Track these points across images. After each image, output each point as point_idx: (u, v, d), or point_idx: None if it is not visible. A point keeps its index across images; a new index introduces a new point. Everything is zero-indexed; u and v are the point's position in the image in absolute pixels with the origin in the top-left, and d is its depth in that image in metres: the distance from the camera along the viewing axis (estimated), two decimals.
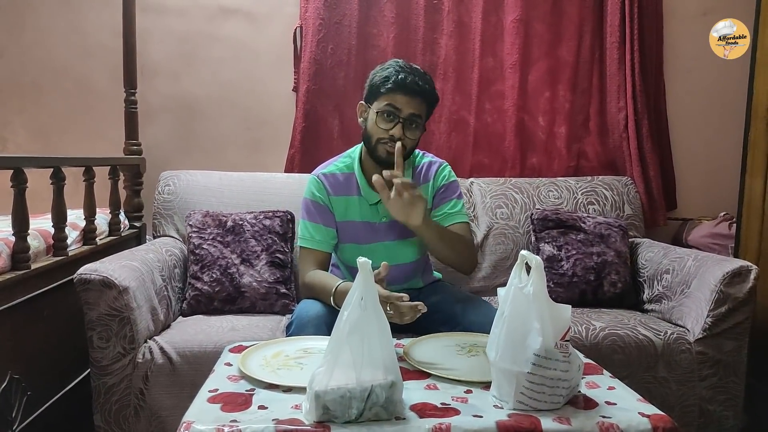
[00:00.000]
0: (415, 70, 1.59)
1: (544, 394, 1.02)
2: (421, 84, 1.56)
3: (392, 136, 1.56)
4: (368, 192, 1.66)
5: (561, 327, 1.03)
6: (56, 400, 1.71)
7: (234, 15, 2.58)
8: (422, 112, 1.60)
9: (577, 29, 2.58)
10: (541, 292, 1.02)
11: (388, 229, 1.68)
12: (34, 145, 2.56)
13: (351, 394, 0.97)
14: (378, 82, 1.59)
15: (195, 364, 1.65)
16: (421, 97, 1.57)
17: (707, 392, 1.82)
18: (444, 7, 2.54)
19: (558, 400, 1.03)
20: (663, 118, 2.65)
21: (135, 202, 2.40)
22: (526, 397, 1.03)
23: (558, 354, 1.01)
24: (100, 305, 1.60)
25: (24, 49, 2.55)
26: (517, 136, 2.59)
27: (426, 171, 1.73)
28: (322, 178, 1.70)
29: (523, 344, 1.02)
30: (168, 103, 2.60)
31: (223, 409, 1.03)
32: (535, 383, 1.02)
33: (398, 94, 1.55)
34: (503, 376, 1.05)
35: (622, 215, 2.38)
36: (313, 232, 1.67)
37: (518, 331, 1.03)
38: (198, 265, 1.99)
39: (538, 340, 1.01)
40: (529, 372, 1.01)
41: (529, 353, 1.02)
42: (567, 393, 1.04)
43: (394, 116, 1.56)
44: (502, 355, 1.05)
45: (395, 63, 1.60)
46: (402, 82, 1.55)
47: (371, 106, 1.61)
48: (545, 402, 1.02)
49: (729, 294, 1.76)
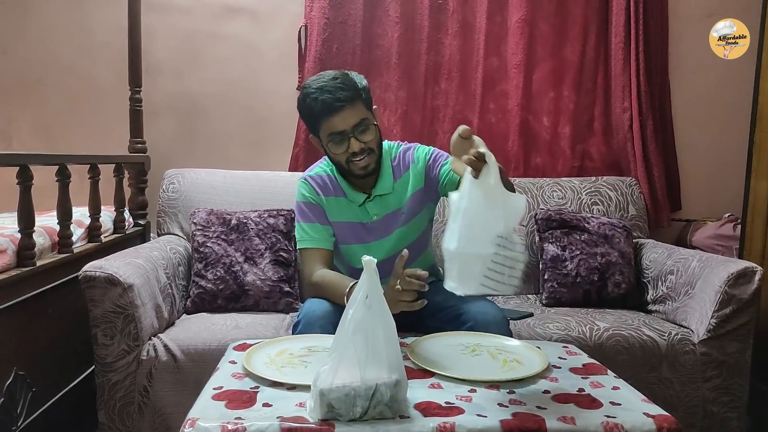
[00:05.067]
0: (325, 86, 1.50)
1: (504, 275, 1.07)
2: (339, 95, 1.49)
3: (354, 153, 1.54)
4: (352, 194, 1.66)
5: (518, 214, 1.09)
6: (61, 396, 1.71)
7: (239, 14, 2.59)
8: (361, 113, 1.53)
9: (581, 30, 2.58)
10: (498, 183, 1.08)
11: (382, 225, 1.68)
12: (39, 143, 2.57)
13: (355, 393, 0.97)
14: (307, 117, 1.57)
15: (199, 362, 1.65)
16: (348, 104, 1.51)
17: (711, 393, 1.81)
18: (449, 6, 2.54)
19: (514, 282, 1.08)
20: (668, 119, 2.64)
21: (139, 199, 2.41)
22: (489, 279, 1.07)
23: (516, 237, 1.08)
24: (105, 302, 1.61)
25: (29, 47, 2.56)
26: (521, 136, 2.59)
27: (404, 158, 1.71)
28: (309, 180, 1.70)
29: (485, 229, 1.07)
30: (172, 102, 2.60)
31: (227, 406, 1.03)
32: (498, 263, 1.07)
33: (330, 118, 1.51)
34: (467, 262, 1.09)
35: (626, 216, 2.38)
36: (311, 232, 1.66)
37: (479, 218, 1.08)
38: (202, 263, 1.99)
39: (500, 224, 1.07)
40: (494, 253, 1.06)
41: (492, 236, 1.06)
42: (520, 276, 1.09)
43: (341, 137, 1.53)
44: (465, 243, 1.08)
45: (307, 92, 1.53)
46: (323, 106, 1.50)
47: (320, 137, 1.58)
48: (504, 284, 1.07)
49: (733, 295, 1.76)
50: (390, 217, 1.67)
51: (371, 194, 1.66)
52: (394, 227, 1.69)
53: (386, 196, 1.67)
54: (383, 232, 1.69)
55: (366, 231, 1.68)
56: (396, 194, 1.67)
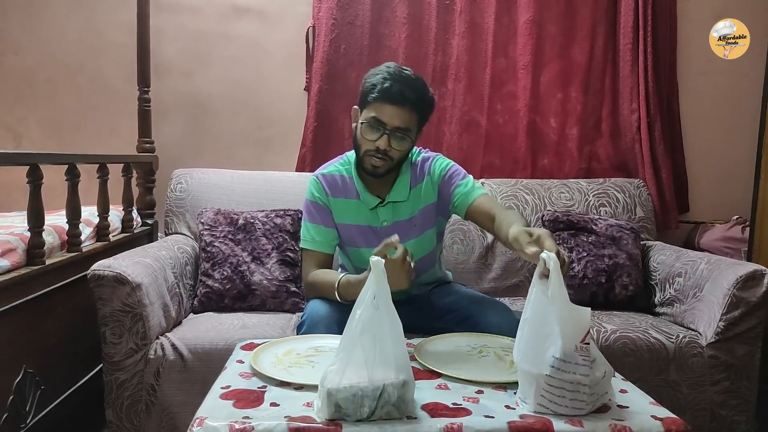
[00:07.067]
0: (404, 77, 1.50)
1: (565, 399, 1.01)
2: (408, 94, 1.48)
3: (378, 148, 1.51)
4: (366, 196, 1.64)
5: (581, 330, 1.01)
6: (69, 394, 1.72)
7: (247, 14, 2.60)
8: (411, 122, 1.52)
9: (590, 31, 2.58)
10: (560, 294, 1.01)
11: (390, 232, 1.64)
12: (48, 142, 2.58)
13: (363, 393, 0.97)
14: (367, 89, 1.52)
15: (206, 361, 1.66)
16: (409, 106, 1.49)
17: (719, 397, 1.80)
18: (456, 7, 2.54)
19: (581, 405, 1.01)
20: (676, 121, 2.63)
21: (147, 199, 2.42)
22: (546, 400, 1.02)
23: (578, 358, 1.00)
24: (113, 301, 1.61)
25: (39, 47, 2.58)
26: (528, 137, 2.58)
27: (422, 167, 1.69)
28: (320, 178, 1.68)
29: (543, 347, 1.01)
30: (181, 102, 2.61)
31: (235, 405, 1.03)
32: (554, 386, 1.01)
33: (385, 105, 1.48)
34: (525, 377, 1.05)
35: (633, 218, 2.37)
36: (314, 234, 1.66)
37: (539, 333, 1.02)
38: (209, 263, 2.00)
39: (557, 343, 1.00)
40: (548, 375, 1.00)
41: (548, 356, 1.01)
42: (591, 399, 1.02)
43: (380, 128, 1.50)
44: (523, 356, 1.05)
45: (385, 69, 1.52)
46: (387, 91, 1.47)
47: (361, 114, 1.56)
48: (566, 407, 1.01)
49: (742, 298, 1.75)
50: (401, 225, 1.64)
51: (385, 199, 1.64)
52: (405, 236, 1.65)
53: (400, 203, 1.65)
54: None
55: (374, 235, 1.66)
56: (409, 203, 1.65)
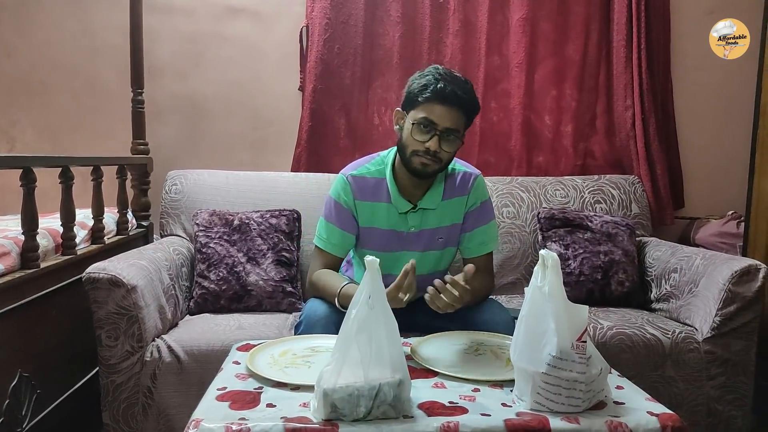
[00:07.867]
0: (454, 78, 1.50)
1: (561, 396, 1.01)
2: (460, 94, 1.48)
3: (428, 149, 1.49)
4: (398, 200, 1.61)
5: (578, 327, 1.01)
6: (65, 398, 1.72)
7: (241, 14, 2.59)
8: (460, 123, 1.51)
9: (583, 28, 2.58)
10: (558, 292, 1.01)
11: (416, 239, 1.64)
12: (42, 145, 2.57)
13: (359, 393, 0.98)
14: (416, 90, 1.50)
15: (202, 363, 1.66)
16: (459, 107, 1.49)
17: (715, 392, 1.81)
18: (450, 6, 2.54)
19: (576, 402, 1.01)
20: (670, 117, 2.64)
21: (142, 201, 2.41)
22: (542, 397, 1.02)
23: (574, 355, 1.00)
24: (109, 304, 1.61)
25: (33, 49, 2.57)
26: (523, 135, 2.58)
27: (461, 182, 1.65)
28: (350, 179, 1.63)
29: (539, 344, 1.01)
30: (175, 103, 2.60)
31: (231, 407, 1.03)
32: (550, 384, 1.01)
33: (436, 105, 1.47)
34: (521, 375, 1.05)
35: (629, 214, 2.37)
36: (330, 235, 1.63)
37: (535, 331, 1.03)
38: (205, 264, 2.00)
39: (553, 341, 1.00)
40: (544, 372, 1.01)
41: (544, 354, 1.01)
42: (588, 396, 1.02)
43: (430, 128, 1.48)
44: (520, 354, 1.05)
45: (434, 70, 1.51)
46: (440, 91, 1.46)
47: (408, 115, 1.53)
48: (562, 404, 1.01)
49: (737, 293, 1.75)
50: (426, 234, 1.63)
51: (416, 205, 1.62)
52: (428, 246, 1.65)
53: (429, 211, 1.62)
54: (416, 245, 1.64)
55: (399, 240, 1.63)
56: (438, 212, 1.63)
